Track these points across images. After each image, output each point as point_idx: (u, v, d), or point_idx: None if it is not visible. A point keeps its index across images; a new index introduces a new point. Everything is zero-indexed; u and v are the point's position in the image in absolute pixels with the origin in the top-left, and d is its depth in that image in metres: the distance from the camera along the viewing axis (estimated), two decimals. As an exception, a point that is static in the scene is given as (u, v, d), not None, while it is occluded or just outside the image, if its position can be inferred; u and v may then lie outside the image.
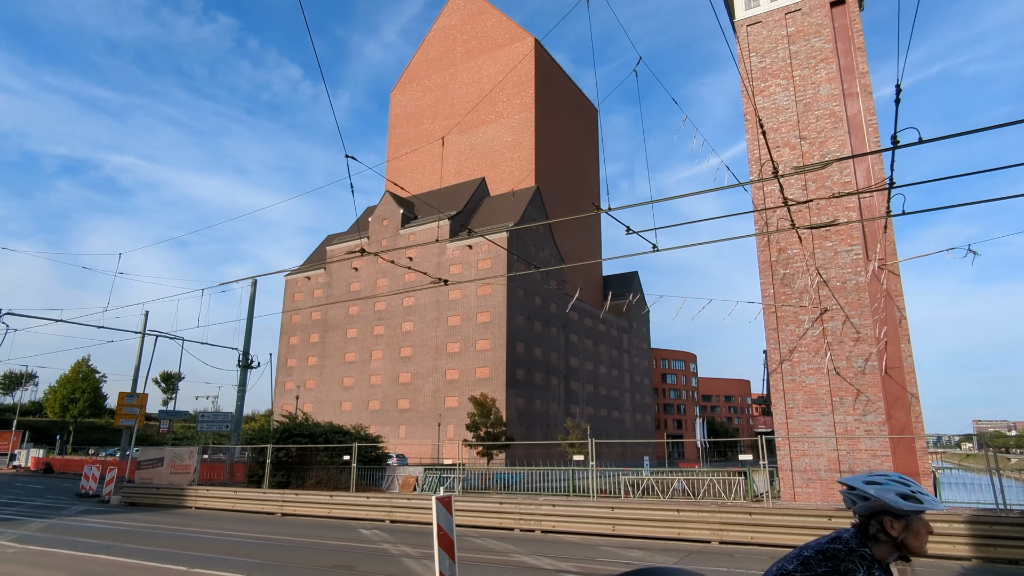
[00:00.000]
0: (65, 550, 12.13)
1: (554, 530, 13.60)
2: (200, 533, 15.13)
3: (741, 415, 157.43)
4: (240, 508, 19.03)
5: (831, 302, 19.59)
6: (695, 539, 12.17)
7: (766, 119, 21.80)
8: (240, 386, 35.43)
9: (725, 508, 12.03)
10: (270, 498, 18.43)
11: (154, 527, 16.23)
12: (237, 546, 12.94)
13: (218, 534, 14.93)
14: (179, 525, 16.42)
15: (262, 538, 14.12)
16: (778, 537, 11.27)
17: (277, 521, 17.29)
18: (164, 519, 17.78)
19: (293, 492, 18.45)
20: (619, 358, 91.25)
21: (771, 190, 21.64)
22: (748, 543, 11.61)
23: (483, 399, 45.56)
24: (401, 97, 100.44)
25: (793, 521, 11.28)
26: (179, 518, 17.97)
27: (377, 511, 16.00)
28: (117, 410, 42.21)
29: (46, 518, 18.24)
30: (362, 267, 77.37)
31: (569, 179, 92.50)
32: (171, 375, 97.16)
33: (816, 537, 1.94)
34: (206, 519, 17.72)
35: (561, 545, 12.52)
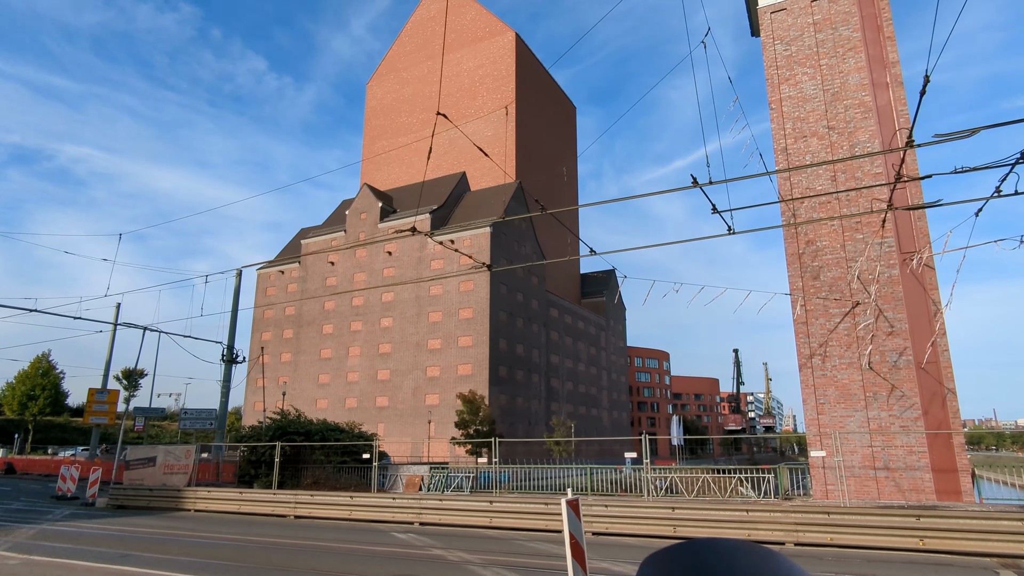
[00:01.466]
0: (78, 561, 10.77)
1: (608, 532, 12.76)
2: (219, 538, 13.84)
3: (710, 413, 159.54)
4: (247, 511, 17.68)
5: (863, 295, 19.22)
6: (767, 540, 11.47)
7: (792, 108, 21.35)
8: (224, 381, 33.72)
9: (800, 508, 11.38)
10: (282, 499, 17.13)
11: (162, 532, 14.84)
12: (272, 552, 11.76)
13: (241, 539, 13.66)
14: (189, 530, 15.06)
15: (293, 543, 12.94)
16: (860, 538, 10.66)
17: (293, 524, 16.05)
18: (168, 523, 16.36)
19: (308, 493, 17.19)
20: (597, 356, 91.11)
21: (797, 181, 21.21)
22: (827, 544, 10.97)
23: (472, 396, 44.52)
24: (378, 89, 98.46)
25: (877, 521, 10.67)
26: (184, 522, 16.57)
27: (405, 513, 14.91)
28: (87, 407, 39.88)
29: (32, 523, 16.62)
30: (339, 261, 75.40)
31: (549, 175, 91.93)
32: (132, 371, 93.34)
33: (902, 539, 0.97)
34: (214, 523, 16.36)
35: (624, 548, 11.69)
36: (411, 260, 70.29)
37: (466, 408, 43.76)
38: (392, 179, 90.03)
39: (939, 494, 17.05)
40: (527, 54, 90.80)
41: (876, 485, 17.81)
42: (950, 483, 17.06)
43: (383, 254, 72.28)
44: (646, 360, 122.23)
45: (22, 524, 16.50)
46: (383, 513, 15.25)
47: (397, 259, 71.16)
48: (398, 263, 70.97)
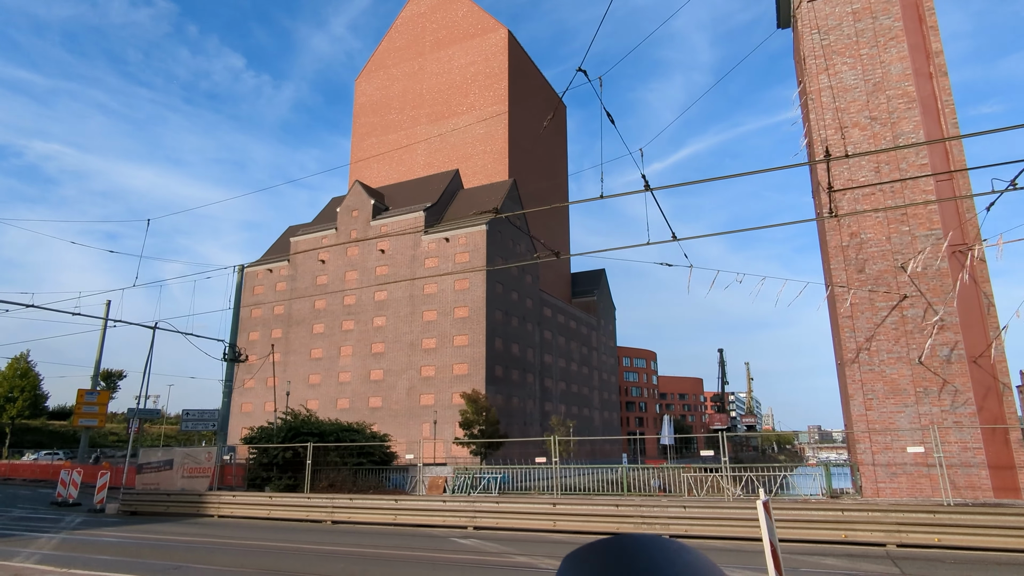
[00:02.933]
0: (126, 574, 9.75)
1: (686, 535, 12.06)
2: (268, 546, 12.85)
3: (695, 413, 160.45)
4: (277, 516, 16.63)
5: (910, 288, 18.81)
6: (865, 542, 10.87)
7: (832, 98, 20.91)
8: (227, 381, 32.30)
9: (900, 507, 10.80)
10: (316, 504, 16.12)
11: (199, 540, 13.78)
12: (341, 560, 10.84)
13: (293, 547, 12.69)
14: (227, 537, 14.02)
15: (353, 551, 12.02)
16: (971, 539, 10.11)
17: (334, 530, 15.08)
18: (198, 530, 15.28)
19: (346, 496, 16.19)
20: (588, 355, 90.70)
21: (838, 172, 20.77)
22: (934, 546, 10.40)
23: (476, 396, 43.63)
24: (367, 86, 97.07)
25: (990, 520, 10.13)
26: (215, 529, 15.50)
27: (457, 516, 14.03)
28: (76, 408, 38.24)
29: (47, 532, 15.41)
30: (330, 259, 73.93)
31: (541, 173, 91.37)
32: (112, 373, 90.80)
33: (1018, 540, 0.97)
34: (248, 529, 15.32)
35: (719, 553, 10.98)
36: (404, 258, 69.14)
37: (470, 408, 42.85)
38: (382, 177, 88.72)
39: (996, 491, 16.67)
40: (519, 52, 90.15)
41: (929, 483, 17.38)
42: (1008, 480, 16.69)
43: (375, 252, 71.00)
44: (634, 360, 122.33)
45: (37, 533, 15.29)
46: (433, 517, 14.35)
47: (390, 257, 69.96)
48: (391, 261, 69.76)
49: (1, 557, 11.48)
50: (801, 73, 22.93)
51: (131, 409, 36.49)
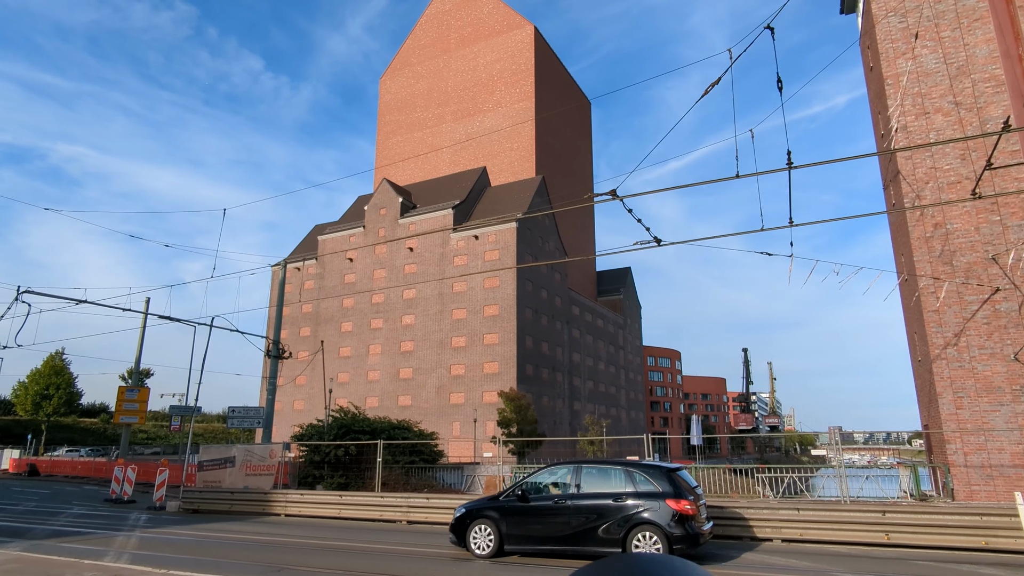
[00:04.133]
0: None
1: (801, 539, 11.37)
2: (365, 547, 12.33)
3: (718, 413, 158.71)
4: (348, 516, 16.13)
5: (1003, 281, 17.90)
6: (1013, 550, 10.11)
7: (912, 84, 20.02)
8: (271, 379, 32.04)
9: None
10: (390, 503, 15.59)
11: (285, 540, 13.30)
12: (451, 564, 10.28)
13: (390, 549, 12.17)
14: (319, 538, 13.53)
15: (462, 554, 11.45)
16: None
17: (413, 531, 14.55)
18: (278, 530, 14.83)
19: (422, 496, 15.67)
20: (615, 354, 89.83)
21: (919, 160, 19.88)
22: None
23: (515, 395, 43.07)
24: (391, 84, 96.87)
25: None
26: (294, 529, 15.03)
27: None
28: (117, 405, 38.16)
29: (119, 531, 15.04)
30: (358, 258, 73.79)
31: (567, 170, 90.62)
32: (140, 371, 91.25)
33: None
34: (328, 529, 14.82)
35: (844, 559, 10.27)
36: (433, 256, 68.78)
37: (508, 407, 42.29)
38: (407, 175, 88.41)
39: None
40: (545, 48, 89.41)
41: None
42: (1117, 482, 15.75)
43: (404, 250, 70.71)
44: (659, 359, 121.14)
45: (109, 531, 14.93)
46: None
47: (419, 255, 69.63)
48: (420, 259, 69.43)
49: (91, 556, 11.07)
50: (873, 60, 22.05)
51: (172, 406, 36.36)
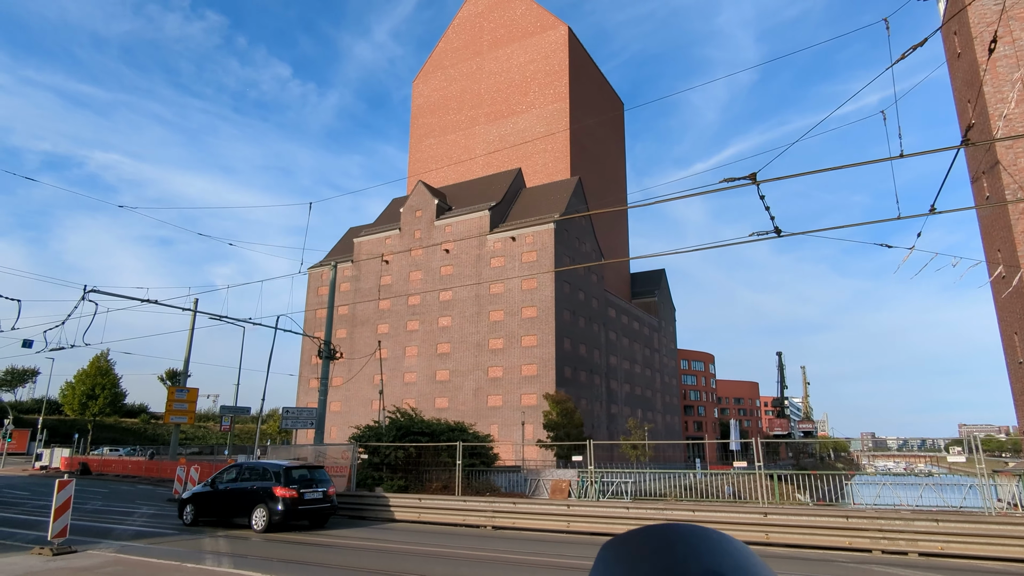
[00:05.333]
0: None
1: (941, 553, 10.55)
2: (470, 554, 11.82)
3: (751, 418, 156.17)
4: (428, 520, 15.67)
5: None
6: None
7: (1011, 68, 18.99)
8: (323, 379, 31.89)
9: None
10: (473, 507, 15.08)
11: (378, 544, 12.85)
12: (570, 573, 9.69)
13: (499, 556, 11.63)
14: (405, 543, 13.08)
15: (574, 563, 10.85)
16: None
17: (502, 537, 14.02)
18: (364, 534, 14.40)
19: (508, 500, 15.14)
20: (651, 357, 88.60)
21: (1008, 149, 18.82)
22: None
23: (562, 398, 42.39)
24: (424, 87, 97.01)
25: None
26: (379, 532, 14.60)
27: (640, 525, 12.70)
28: (167, 406, 38.40)
29: (191, 532, 14.74)
30: (393, 260, 73.77)
31: (601, 171, 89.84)
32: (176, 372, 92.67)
33: None
34: (415, 534, 14.38)
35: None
36: (470, 258, 68.42)
37: (554, 409, 41.61)
38: (440, 178, 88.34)
39: None
40: (579, 48, 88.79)
41: None
42: None
43: (440, 252, 70.47)
44: (692, 363, 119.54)
45: (190, 533, 14.62)
46: (614, 525, 13.09)
47: (455, 257, 69.34)
48: (456, 261, 69.13)
49: (190, 559, 10.73)
50: (962, 46, 21.01)
51: (223, 407, 36.43)
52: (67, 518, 11.56)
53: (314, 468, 15.83)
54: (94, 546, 12.22)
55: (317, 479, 15.35)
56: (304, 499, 14.77)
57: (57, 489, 11.64)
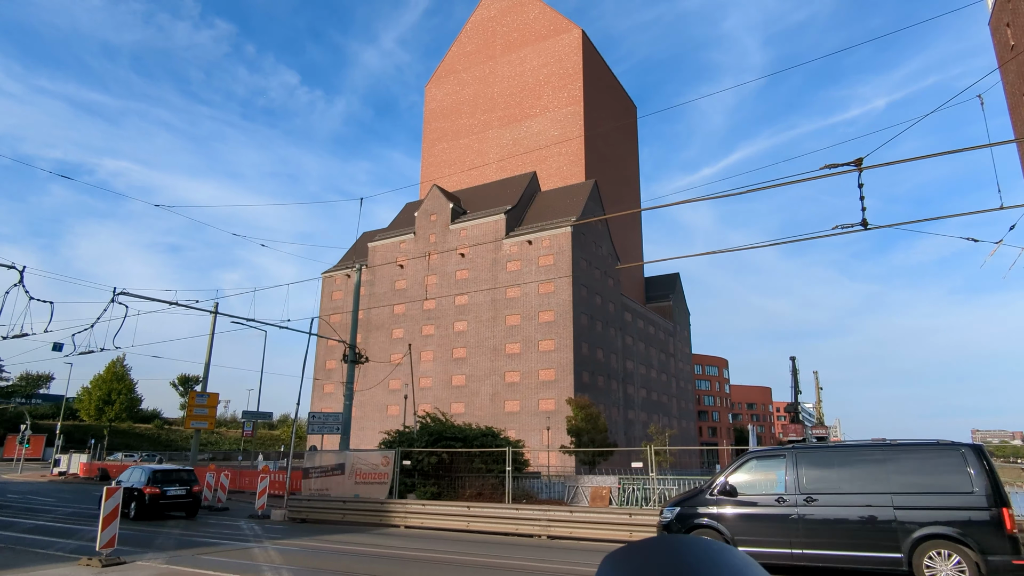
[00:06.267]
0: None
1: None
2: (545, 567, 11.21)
3: (764, 423, 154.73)
4: (476, 528, 15.05)
5: None
6: None
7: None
8: (348, 384, 31.37)
9: None
10: (527, 516, 14.46)
11: (435, 556, 12.27)
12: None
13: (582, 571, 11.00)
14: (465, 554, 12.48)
15: None
16: None
17: (558, 547, 13.40)
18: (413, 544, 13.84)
19: (565, 509, 14.54)
20: (667, 362, 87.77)
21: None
22: None
23: (586, 403, 41.72)
24: (437, 91, 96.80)
25: None
26: (430, 543, 14.01)
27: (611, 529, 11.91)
28: (187, 411, 37.94)
29: (240, 541, 14.19)
30: (408, 264, 73.33)
31: (615, 174, 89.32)
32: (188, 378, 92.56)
33: None
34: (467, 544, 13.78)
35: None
36: (485, 262, 67.88)
37: (578, 415, 40.95)
38: (453, 182, 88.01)
39: None
40: (592, 52, 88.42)
41: None
42: None
43: (455, 256, 69.98)
44: (706, 367, 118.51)
45: (234, 542, 14.08)
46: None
47: (470, 261, 68.82)
48: (471, 265, 68.61)
49: (249, 571, 10.16)
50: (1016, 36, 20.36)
51: (245, 412, 35.97)
52: (115, 527, 11.03)
53: (180, 471, 20.48)
54: (140, 556, 11.69)
55: (182, 480, 19.78)
56: (166, 495, 19.10)
57: (105, 497, 11.12)
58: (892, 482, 9.74)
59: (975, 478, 9.27)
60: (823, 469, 10.35)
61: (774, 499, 10.40)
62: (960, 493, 9.27)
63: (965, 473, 9.37)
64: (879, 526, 9.55)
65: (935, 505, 9.35)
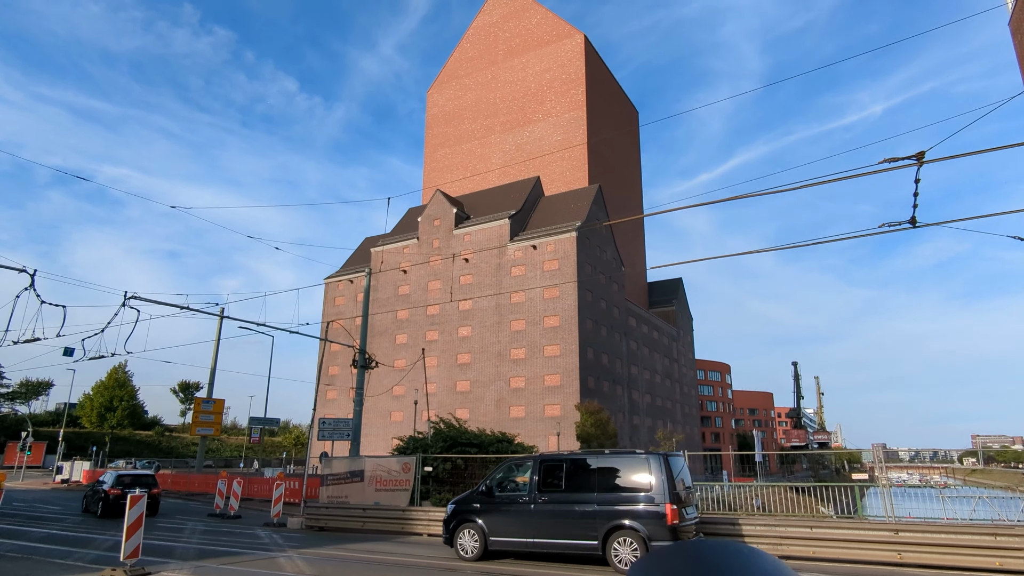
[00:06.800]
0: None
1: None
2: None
3: (766, 429, 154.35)
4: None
5: None
6: None
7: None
8: (358, 389, 30.99)
9: None
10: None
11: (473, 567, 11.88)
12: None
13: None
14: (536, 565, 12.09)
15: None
16: None
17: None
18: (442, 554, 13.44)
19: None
20: (671, 367, 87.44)
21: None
22: None
23: (595, 408, 41.36)
24: (438, 97, 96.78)
25: None
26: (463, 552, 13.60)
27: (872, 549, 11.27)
28: (193, 418, 37.60)
29: (264, 550, 13.80)
30: (411, 269, 72.99)
31: (618, 179, 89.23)
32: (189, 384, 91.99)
33: None
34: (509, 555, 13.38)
35: None
36: (490, 267, 67.58)
37: (588, 420, 40.57)
38: (455, 188, 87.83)
39: None
40: (595, 57, 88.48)
41: None
42: None
43: (459, 261, 69.66)
44: (708, 373, 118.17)
45: (257, 551, 13.69)
46: (803, 547, 11.91)
47: (475, 266, 68.50)
48: (476, 270, 68.30)
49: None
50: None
51: (253, 418, 35.54)
52: (139, 537, 10.66)
53: (141, 476, 24.44)
54: (164, 566, 11.31)
55: (143, 484, 22.61)
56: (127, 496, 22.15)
57: (129, 505, 10.75)
58: (598, 484, 12.02)
59: (653, 481, 11.42)
60: (556, 474, 12.64)
61: (519, 498, 12.75)
62: (641, 492, 11.48)
63: (647, 476, 11.53)
64: (586, 519, 11.74)
65: (623, 501, 11.55)
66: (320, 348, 56.39)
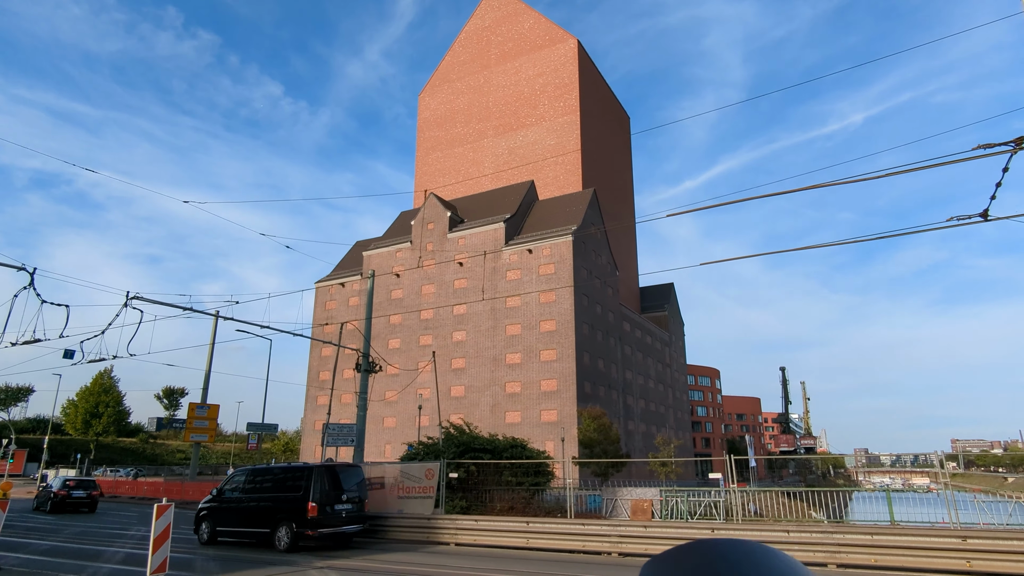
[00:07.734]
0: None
1: None
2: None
3: (753, 433, 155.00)
4: (537, 546, 14.03)
5: None
6: None
7: None
8: (361, 394, 30.21)
9: None
10: (594, 532, 13.48)
11: None
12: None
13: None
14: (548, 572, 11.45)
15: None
16: None
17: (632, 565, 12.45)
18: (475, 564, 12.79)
19: (639, 524, 13.55)
20: (663, 372, 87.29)
21: None
22: None
23: (597, 413, 40.85)
24: (431, 100, 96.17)
25: None
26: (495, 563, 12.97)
27: (938, 557, 10.83)
28: (187, 424, 36.48)
29: (291, 563, 13.04)
30: (405, 273, 72.13)
31: (610, 184, 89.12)
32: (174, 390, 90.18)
33: None
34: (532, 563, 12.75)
35: None
36: (484, 271, 66.93)
37: (590, 426, 40.03)
38: (447, 191, 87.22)
39: None
40: (587, 62, 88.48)
41: None
42: None
43: (453, 265, 68.97)
44: (699, 378, 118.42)
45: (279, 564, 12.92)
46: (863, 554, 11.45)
47: (469, 270, 67.84)
48: (470, 274, 67.63)
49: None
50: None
51: (251, 423, 34.56)
52: (167, 549, 9.90)
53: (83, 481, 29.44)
54: (192, 582, 10.55)
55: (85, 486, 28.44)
56: (71, 496, 28.28)
57: (156, 515, 9.99)
58: (276, 487, 16.14)
59: (307, 485, 15.30)
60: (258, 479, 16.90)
61: (233, 497, 16.84)
62: (298, 493, 15.38)
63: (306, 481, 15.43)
64: (267, 513, 15.75)
65: (287, 500, 15.50)
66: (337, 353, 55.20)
